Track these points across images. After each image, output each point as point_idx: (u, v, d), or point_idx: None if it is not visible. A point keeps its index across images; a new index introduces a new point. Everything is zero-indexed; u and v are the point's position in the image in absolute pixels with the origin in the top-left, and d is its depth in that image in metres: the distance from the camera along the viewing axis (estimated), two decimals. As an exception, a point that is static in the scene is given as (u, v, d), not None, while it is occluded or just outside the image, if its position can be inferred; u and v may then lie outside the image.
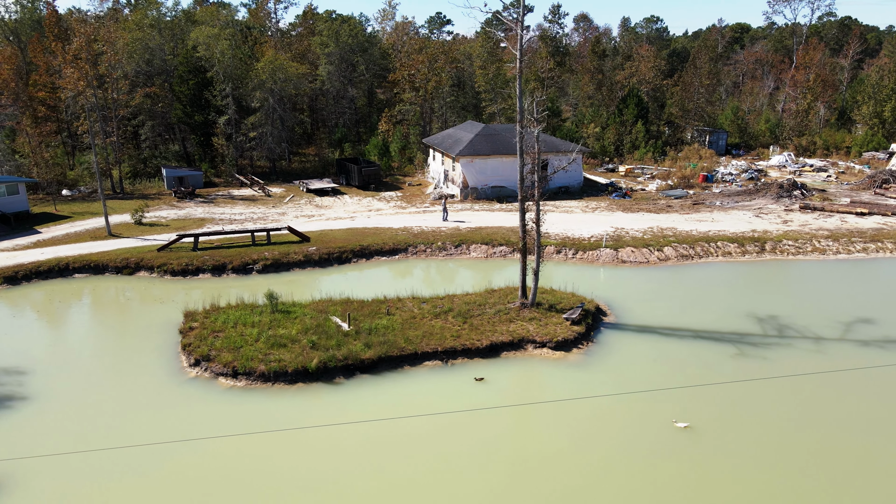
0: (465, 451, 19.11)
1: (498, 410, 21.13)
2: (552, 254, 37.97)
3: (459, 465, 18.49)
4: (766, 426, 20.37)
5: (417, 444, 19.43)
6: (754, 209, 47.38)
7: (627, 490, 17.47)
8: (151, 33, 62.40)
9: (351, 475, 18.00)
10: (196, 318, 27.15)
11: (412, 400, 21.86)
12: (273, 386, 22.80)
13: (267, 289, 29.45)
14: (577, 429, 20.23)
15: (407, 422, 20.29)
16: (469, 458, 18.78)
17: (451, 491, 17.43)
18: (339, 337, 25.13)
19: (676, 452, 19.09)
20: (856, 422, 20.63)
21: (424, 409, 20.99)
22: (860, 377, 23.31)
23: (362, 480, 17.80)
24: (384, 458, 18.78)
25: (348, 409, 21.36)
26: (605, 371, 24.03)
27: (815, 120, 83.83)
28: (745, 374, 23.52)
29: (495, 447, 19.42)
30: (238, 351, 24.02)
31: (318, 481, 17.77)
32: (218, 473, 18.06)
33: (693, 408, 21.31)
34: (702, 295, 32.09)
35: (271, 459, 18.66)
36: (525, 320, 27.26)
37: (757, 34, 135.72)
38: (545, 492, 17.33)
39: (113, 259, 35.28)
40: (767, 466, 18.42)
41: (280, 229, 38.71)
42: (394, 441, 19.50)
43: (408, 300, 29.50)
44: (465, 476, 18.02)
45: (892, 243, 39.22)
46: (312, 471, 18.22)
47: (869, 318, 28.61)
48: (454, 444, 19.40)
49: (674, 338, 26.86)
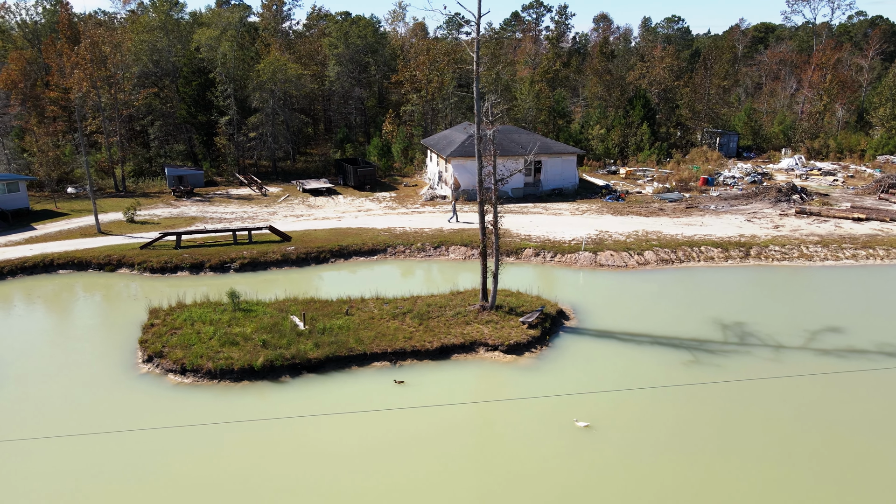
0: (361, 450, 19.24)
1: (419, 411, 21.13)
2: (530, 256, 37.82)
3: (362, 463, 18.62)
4: (681, 428, 20.11)
5: (335, 440, 19.61)
6: (748, 213, 46.50)
7: (532, 493, 17.38)
8: (159, 35, 63.75)
9: (268, 470, 18.25)
10: (159, 315, 27.72)
11: (340, 399, 22.03)
12: (219, 383, 23.19)
13: (229, 287, 30.00)
14: (485, 431, 20.25)
15: (328, 419, 20.49)
16: (371, 456, 18.90)
17: (348, 486, 17.56)
18: (292, 336, 25.43)
19: (576, 453, 19.12)
20: (795, 426, 20.21)
21: (351, 408, 21.16)
22: (808, 384, 22.81)
23: (276, 474, 18.04)
24: (300, 453, 19.00)
25: (281, 406, 21.61)
26: (550, 374, 23.91)
27: (833, 122, 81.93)
28: (692, 379, 23.17)
29: (399, 447, 19.44)
30: (190, 348, 24.47)
31: (235, 475, 18.05)
32: (136, 465, 18.47)
33: (619, 412, 21.14)
34: (673, 300, 31.64)
35: (191, 453, 19.02)
36: (482, 323, 27.23)
37: (783, 34, 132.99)
38: (453, 490, 17.36)
39: (96, 256, 36.18)
40: (672, 469, 18.16)
41: (261, 229, 39.25)
42: (310, 437, 19.73)
43: (370, 301, 29.70)
44: (361, 472, 18.14)
45: (885, 250, 38.16)
46: (233, 465, 18.50)
47: (838, 326, 27.93)
48: (363, 442, 19.54)
49: (631, 343, 26.56)
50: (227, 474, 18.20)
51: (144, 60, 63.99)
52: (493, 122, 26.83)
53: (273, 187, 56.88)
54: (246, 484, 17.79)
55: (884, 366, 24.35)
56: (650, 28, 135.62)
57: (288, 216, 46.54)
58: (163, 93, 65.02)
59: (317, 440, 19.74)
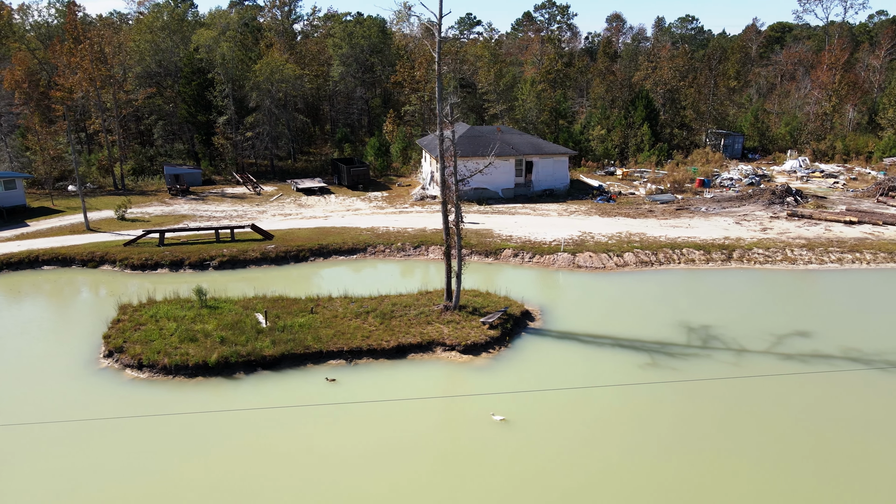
0: (292, 444, 19.43)
1: (353, 406, 21.30)
2: (509, 257, 37.76)
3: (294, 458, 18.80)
4: (608, 427, 19.98)
5: (267, 434, 19.84)
6: (738, 216, 45.91)
7: (448, 487, 17.41)
8: (162, 35, 64.72)
9: (193, 462, 18.51)
10: (127, 311, 28.19)
11: (278, 396, 22.25)
12: (173, 379, 23.53)
13: (207, 284, 30.42)
14: (407, 427, 20.44)
15: (260, 413, 20.72)
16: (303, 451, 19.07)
17: (259, 479, 17.74)
18: (252, 333, 25.71)
19: (485, 450, 19.21)
20: (744, 425, 19.97)
21: (283, 404, 21.39)
22: (759, 385, 22.50)
23: (199, 466, 18.28)
24: (228, 446, 19.25)
25: (218, 400, 21.91)
26: (501, 374, 23.91)
27: (843, 123, 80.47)
28: (642, 380, 22.99)
29: (321, 442, 19.59)
30: (149, 344, 24.86)
31: (162, 467, 18.33)
32: (74, 455, 18.85)
33: (557, 411, 21.07)
34: (644, 303, 31.39)
35: (130, 444, 19.35)
36: (443, 323, 27.27)
37: (801, 34, 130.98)
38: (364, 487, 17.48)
39: (80, 253, 36.88)
40: (590, 467, 18.05)
41: (244, 227, 39.68)
42: (239, 431, 20.05)
43: (338, 300, 29.88)
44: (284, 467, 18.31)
45: (872, 254, 37.45)
46: (162, 458, 18.79)
47: (806, 330, 27.49)
48: (287, 437, 19.73)
49: (592, 345, 26.42)
50: (154, 466, 18.48)
51: (148, 61, 65.06)
52: (451, 123, 26.73)
53: (268, 186, 57.45)
54: (170, 475, 18.06)
55: (841, 368, 23.92)
56: (664, 28, 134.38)
57: (276, 215, 46.99)
58: (165, 92, 66.02)
59: (243, 434, 19.98)
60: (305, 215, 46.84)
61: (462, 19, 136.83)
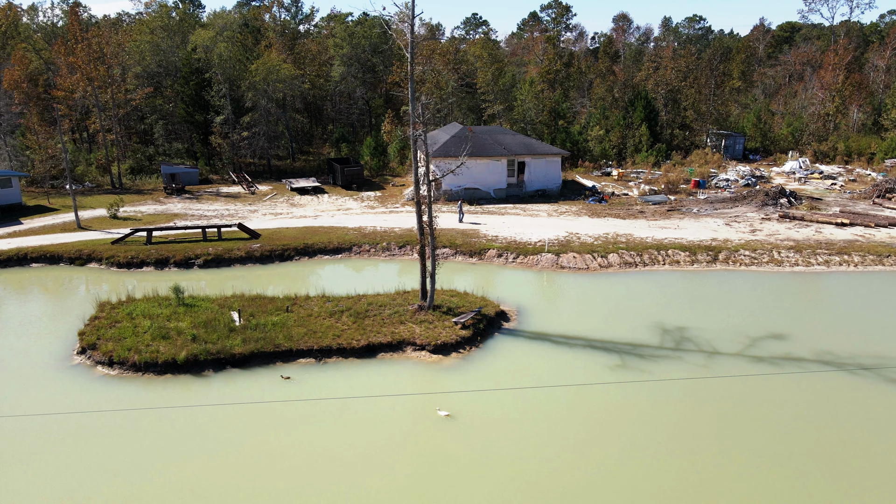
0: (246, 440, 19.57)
1: (307, 404, 21.46)
2: (493, 257, 37.75)
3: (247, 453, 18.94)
4: (582, 430, 19.88)
5: (222, 431, 20.01)
6: (729, 217, 45.59)
7: (379, 485, 17.46)
8: (162, 35, 65.30)
9: (149, 455, 18.70)
10: (105, 308, 28.50)
11: (238, 392, 22.43)
12: (143, 376, 23.77)
13: (191, 282, 30.70)
14: (354, 425, 20.57)
15: (220, 409, 20.88)
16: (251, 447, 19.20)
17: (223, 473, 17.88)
18: (224, 331, 25.90)
19: (424, 451, 19.17)
20: (707, 426, 19.86)
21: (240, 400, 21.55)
22: (724, 386, 22.35)
23: (156, 459, 18.46)
24: (187, 440, 19.42)
25: (185, 397, 22.09)
26: (466, 374, 23.94)
27: (847, 124, 79.65)
28: (607, 380, 22.92)
29: (273, 438, 19.71)
30: (121, 341, 25.12)
31: (118, 461, 18.54)
32: (24, 450, 19.11)
33: (518, 412, 21.03)
34: (622, 304, 31.27)
35: (86, 439, 19.58)
36: (416, 322, 27.33)
37: (810, 33, 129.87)
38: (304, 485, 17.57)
39: (68, 250, 37.33)
40: (540, 467, 18.02)
41: (231, 226, 39.96)
42: (198, 426, 20.19)
43: (315, 298, 30.02)
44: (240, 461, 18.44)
45: (860, 256, 37.06)
46: (117, 452, 19.00)
47: (782, 332, 27.27)
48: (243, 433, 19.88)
49: (563, 345, 26.36)
50: (105, 460, 18.68)
51: (148, 60, 65.68)
52: (424, 123, 26.78)
53: (264, 185, 57.80)
54: (120, 470, 18.26)
55: (809, 370, 23.70)
56: (671, 28, 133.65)
57: (267, 214, 47.28)
58: (165, 92, 66.62)
59: (199, 431, 20.15)
60: (296, 214, 47.08)
61: (468, 19, 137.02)
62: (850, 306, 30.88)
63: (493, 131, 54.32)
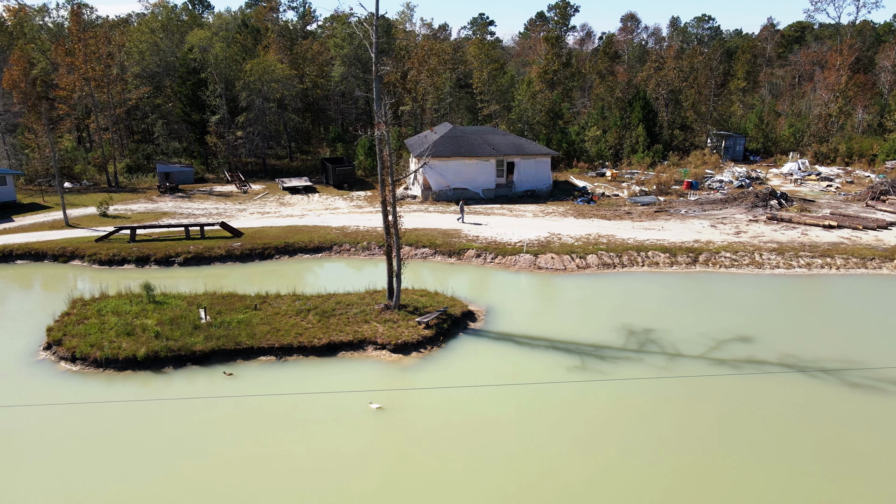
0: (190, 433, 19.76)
1: (260, 399, 21.62)
2: (472, 258, 37.76)
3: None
4: (526, 429, 19.86)
5: (163, 425, 20.25)
6: (717, 219, 45.20)
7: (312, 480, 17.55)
8: (161, 35, 66.01)
9: (90, 449, 18.97)
10: (76, 305, 28.89)
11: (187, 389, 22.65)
12: (104, 372, 24.08)
13: (171, 280, 31.10)
14: (299, 424, 20.64)
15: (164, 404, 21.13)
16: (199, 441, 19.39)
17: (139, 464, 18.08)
18: (187, 329, 26.16)
19: (357, 448, 19.24)
20: (662, 428, 19.76)
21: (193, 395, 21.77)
22: (679, 388, 22.20)
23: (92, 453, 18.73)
24: (126, 434, 19.67)
25: (134, 392, 22.45)
26: (420, 373, 24.04)
27: (852, 125, 78.59)
28: (562, 380, 22.86)
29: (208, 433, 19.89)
30: (86, 337, 25.47)
31: (66, 454, 18.82)
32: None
33: (467, 413, 21.04)
34: (594, 305, 31.17)
35: (33, 431, 19.89)
36: (380, 322, 27.42)
37: (822, 33, 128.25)
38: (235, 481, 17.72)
39: (52, 248, 37.87)
40: (517, 469, 18.01)
41: (214, 225, 40.31)
42: (139, 422, 20.45)
43: (286, 297, 30.21)
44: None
45: (843, 259, 36.60)
46: (71, 444, 19.29)
47: (749, 335, 27.03)
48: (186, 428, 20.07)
49: (527, 347, 26.32)
50: (50, 453, 18.98)
51: (148, 60, 66.45)
52: (386, 123, 26.85)
53: (257, 185, 58.23)
54: (66, 462, 18.54)
55: (768, 372, 23.47)
56: (679, 28, 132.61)
57: (255, 213, 47.63)
58: (165, 91, 67.34)
59: (144, 425, 20.41)
60: (283, 214, 47.39)
61: (474, 19, 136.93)
62: (824, 309, 30.54)
63: (482, 131, 54.29)
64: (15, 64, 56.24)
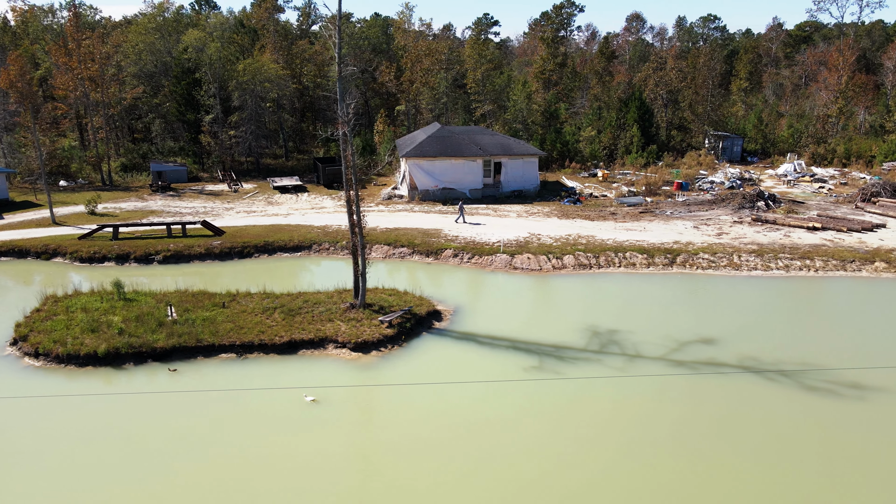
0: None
1: (181, 395, 21.89)
2: (449, 257, 37.84)
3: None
4: (473, 428, 19.91)
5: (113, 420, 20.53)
6: (701, 220, 44.95)
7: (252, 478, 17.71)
8: (157, 36, 66.67)
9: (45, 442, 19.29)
10: (48, 302, 29.31)
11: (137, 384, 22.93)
12: (65, 367, 24.44)
13: (151, 277, 31.48)
14: (247, 419, 20.75)
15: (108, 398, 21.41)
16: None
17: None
18: (152, 325, 26.47)
19: (279, 443, 19.23)
20: (612, 427, 19.76)
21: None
22: (631, 387, 22.16)
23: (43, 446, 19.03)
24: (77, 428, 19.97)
25: (90, 388, 22.75)
26: (375, 371, 24.20)
27: (854, 126, 77.74)
28: (516, 378, 22.90)
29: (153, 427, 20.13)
30: (51, 333, 25.84)
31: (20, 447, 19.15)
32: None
33: (417, 410, 21.14)
34: (563, 306, 31.18)
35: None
36: (344, 320, 27.58)
37: (831, 33, 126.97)
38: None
39: (35, 245, 38.43)
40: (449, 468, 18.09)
41: (195, 223, 40.69)
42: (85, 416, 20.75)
43: (256, 295, 30.45)
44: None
45: (822, 261, 36.27)
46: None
47: (712, 337, 26.89)
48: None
49: (487, 346, 26.37)
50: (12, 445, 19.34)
51: (145, 60, 67.15)
52: (347, 123, 26.98)
53: (249, 184, 58.67)
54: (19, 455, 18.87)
55: (723, 373, 23.35)
56: (685, 28, 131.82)
57: (241, 212, 48.01)
58: (162, 91, 68.00)
59: (97, 420, 20.69)
60: (269, 213, 47.73)
61: (479, 19, 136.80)
62: (793, 311, 30.29)
63: (471, 131, 54.35)
64: (11, 63, 57.04)
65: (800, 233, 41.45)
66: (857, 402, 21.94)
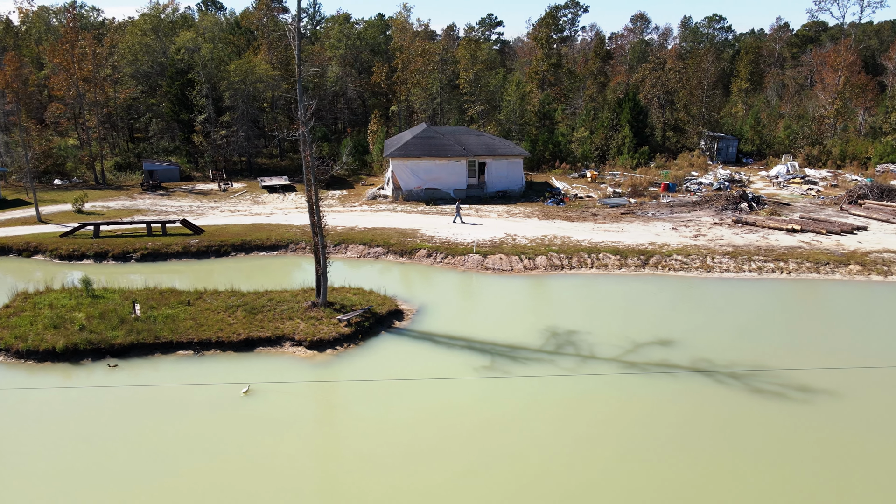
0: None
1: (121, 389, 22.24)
2: (423, 257, 38.02)
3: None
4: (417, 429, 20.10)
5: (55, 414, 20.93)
6: (681, 221, 44.80)
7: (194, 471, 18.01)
8: (153, 37, 67.45)
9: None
10: (17, 298, 29.86)
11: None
12: (24, 363, 24.93)
13: (130, 275, 32.02)
14: (189, 414, 21.01)
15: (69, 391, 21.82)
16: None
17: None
18: (113, 322, 26.90)
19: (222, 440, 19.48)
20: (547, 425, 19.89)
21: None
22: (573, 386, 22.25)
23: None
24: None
25: (44, 382, 23.21)
26: (333, 369, 24.44)
27: (854, 128, 76.97)
28: (467, 376, 23.06)
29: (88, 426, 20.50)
30: (14, 329, 26.35)
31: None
32: None
33: (346, 405, 21.37)
34: (527, 306, 31.29)
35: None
36: (304, 319, 27.87)
37: (838, 33, 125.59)
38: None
39: (17, 243, 39.09)
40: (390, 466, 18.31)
41: (175, 222, 41.19)
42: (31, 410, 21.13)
43: (224, 293, 30.80)
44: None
45: (797, 264, 36.07)
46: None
47: (670, 338, 26.89)
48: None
49: (443, 346, 26.55)
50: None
51: (141, 60, 67.97)
52: (305, 123, 27.25)
53: (240, 183, 59.19)
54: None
55: (673, 374, 23.37)
56: (690, 28, 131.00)
57: (225, 211, 48.50)
58: (158, 91, 68.78)
59: (43, 414, 21.12)
60: (253, 212, 48.17)
61: (483, 20, 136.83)
62: (756, 314, 30.11)
63: (456, 132, 54.51)
64: (7, 64, 58.03)
65: (778, 235, 41.23)
66: (803, 404, 21.90)
